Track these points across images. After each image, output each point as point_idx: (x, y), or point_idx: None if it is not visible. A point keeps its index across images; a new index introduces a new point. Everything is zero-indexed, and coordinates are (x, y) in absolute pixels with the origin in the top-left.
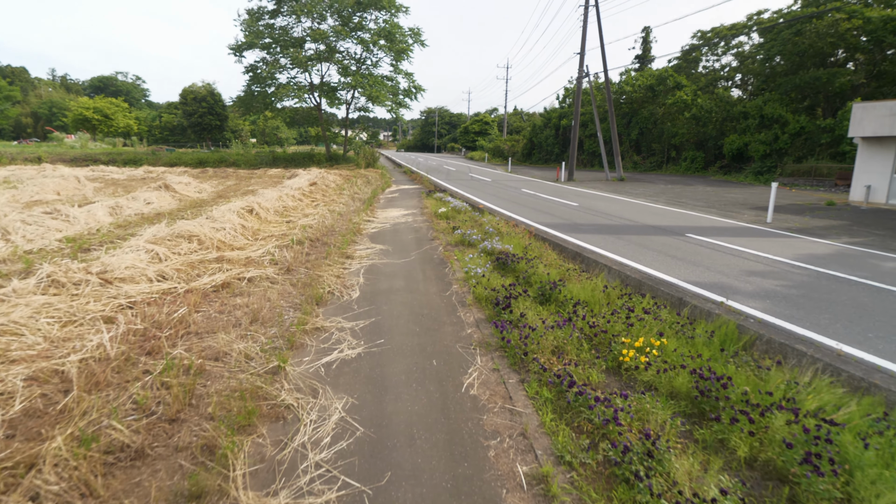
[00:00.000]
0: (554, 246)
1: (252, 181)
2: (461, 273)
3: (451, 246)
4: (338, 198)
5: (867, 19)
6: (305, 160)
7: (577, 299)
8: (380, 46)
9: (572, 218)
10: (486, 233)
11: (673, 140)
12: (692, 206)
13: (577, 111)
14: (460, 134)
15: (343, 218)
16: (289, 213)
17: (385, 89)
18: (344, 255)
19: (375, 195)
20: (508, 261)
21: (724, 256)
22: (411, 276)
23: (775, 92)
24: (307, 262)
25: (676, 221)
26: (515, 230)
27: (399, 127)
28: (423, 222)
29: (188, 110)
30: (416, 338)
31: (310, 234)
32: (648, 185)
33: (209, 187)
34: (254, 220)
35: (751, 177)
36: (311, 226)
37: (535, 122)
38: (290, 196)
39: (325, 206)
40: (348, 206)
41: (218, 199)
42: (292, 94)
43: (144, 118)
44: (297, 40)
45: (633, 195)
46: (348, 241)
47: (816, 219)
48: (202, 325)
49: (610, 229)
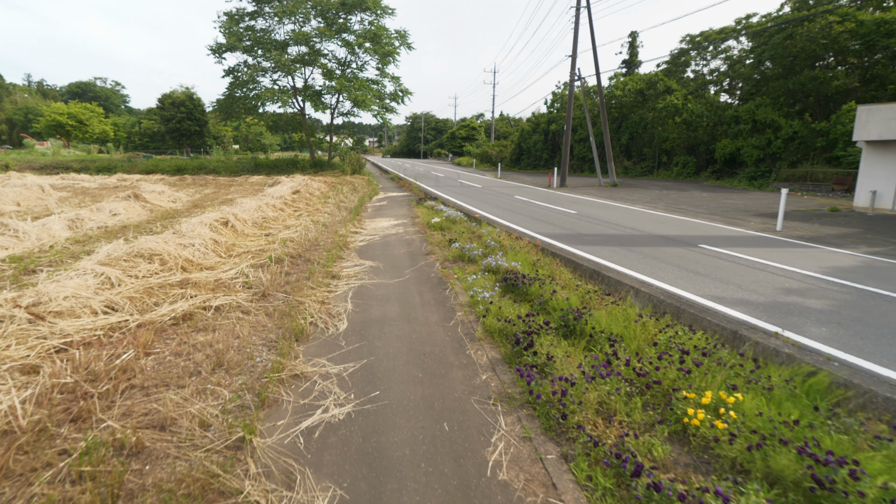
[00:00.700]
0: (565, 262)
1: (232, 189)
2: (465, 296)
3: (450, 262)
4: (322, 207)
5: (860, 22)
6: (289, 167)
7: (609, 332)
8: (365, 49)
9: (574, 228)
10: (488, 246)
11: (664, 145)
12: (694, 214)
13: (569, 115)
14: (447, 139)
15: (328, 230)
16: (269, 224)
17: (371, 93)
18: (329, 275)
19: (362, 204)
20: (518, 282)
21: (749, 271)
22: (407, 301)
23: (766, 96)
24: (286, 284)
25: (683, 231)
26: (519, 243)
27: (385, 132)
28: (415, 234)
29: (166, 116)
30: (420, 387)
31: (291, 249)
32: (643, 190)
33: (185, 196)
34: (229, 233)
35: (745, 182)
36: (293, 239)
37: (524, 128)
38: (270, 206)
39: (309, 217)
40: (334, 217)
41: (193, 208)
42: (276, 99)
43: (123, 124)
44: (279, 43)
45: (629, 201)
46: (334, 258)
47: (826, 226)
48: (151, 375)
49: (618, 240)
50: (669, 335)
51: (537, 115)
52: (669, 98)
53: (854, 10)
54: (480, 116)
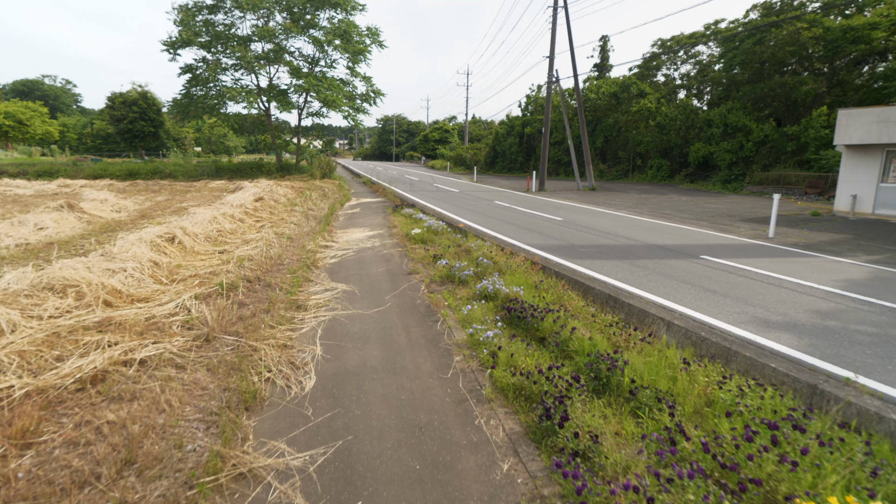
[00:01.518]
0: (573, 284)
1: (188, 196)
2: (461, 333)
3: (437, 284)
4: (288, 216)
5: (827, 28)
6: (253, 171)
7: (653, 386)
8: (335, 46)
9: (566, 237)
10: (479, 264)
11: (638, 148)
12: (681, 219)
13: (547, 117)
14: (420, 142)
15: (294, 244)
16: (225, 238)
17: (341, 93)
18: (293, 305)
19: (333, 211)
20: (526, 314)
21: (766, 288)
22: (391, 340)
23: (737, 101)
24: (239, 321)
25: (678, 239)
26: (514, 260)
27: (356, 135)
28: (393, 247)
29: (116, 115)
30: (420, 490)
31: (248, 270)
32: (622, 194)
33: (132, 205)
34: (175, 252)
35: (719, 185)
36: (252, 258)
37: (498, 131)
38: (228, 216)
39: (273, 228)
40: (301, 228)
41: (140, 219)
42: (239, 98)
43: (73, 125)
44: (241, 39)
45: (612, 206)
46: (300, 281)
47: (815, 232)
48: (21, 490)
49: (615, 252)
50: (734, 395)
51: (511, 117)
52: (643, 101)
53: (820, 17)
54: (453, 119)
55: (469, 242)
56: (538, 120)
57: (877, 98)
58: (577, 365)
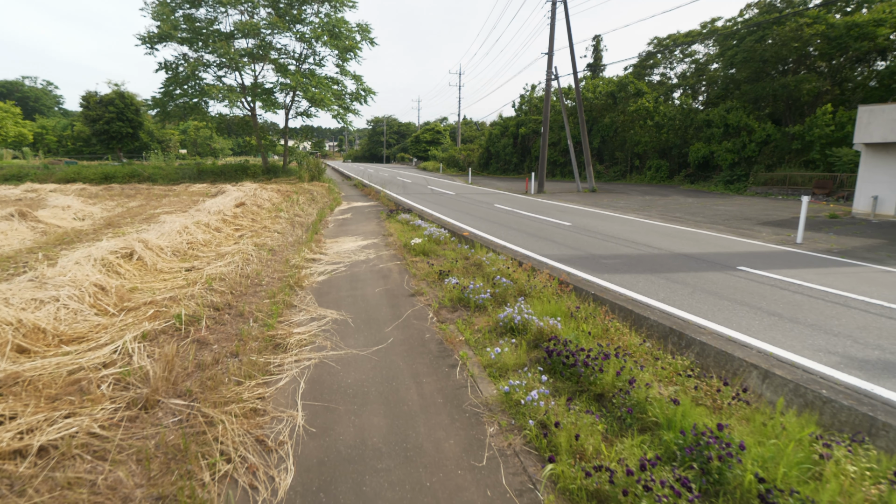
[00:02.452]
0: (616, 310)
1: (164, 201)
2: (490, 386)
3: (448, 310)
4: (272, 223)
5: (830, 25)
6: (238, 173)
7: (791, 489)
8: (323, 42)
9: (581, 245)
10: (497, 284)
11: (636, 149)
12: (695, 223)
13: (546, 117)
14: (411, 143)
15: (276, 257)
16: (196, 252)
17: (329, 91)
18: (270, 344)
19: (322, 218)
20: (576, 361)
21: (833, 309)
22: (398, 399)
23: (737, 100)
24: (196, 371)
25: (703, 247)
26: (538, 278)
27: (345, 136)
28: (391, 260)
29: (91, 116)
30: None
31: (218, 294)
32: (624, 196)
33: (99, 211)
34: (131, 271)
35: (721, 186)
36: (225, 276)
37: (492, 131)
38: (202, 225)
39: (253, 238)
40: (285, 237)
41: (105, 228)
42: (221, 97)
43: (53, 127)
44: (224, 35)
45: (618, 209)
46: (280, 308)
47: (842, 236)
48: None
49: (642, 264)
50: None
51: (505, 118)
52: (641, 101)
53: (823, 13)
54: (444, 120)
55: (478, 254)
56: (533, 120)
57: (880, 96)
58: (664, 445)
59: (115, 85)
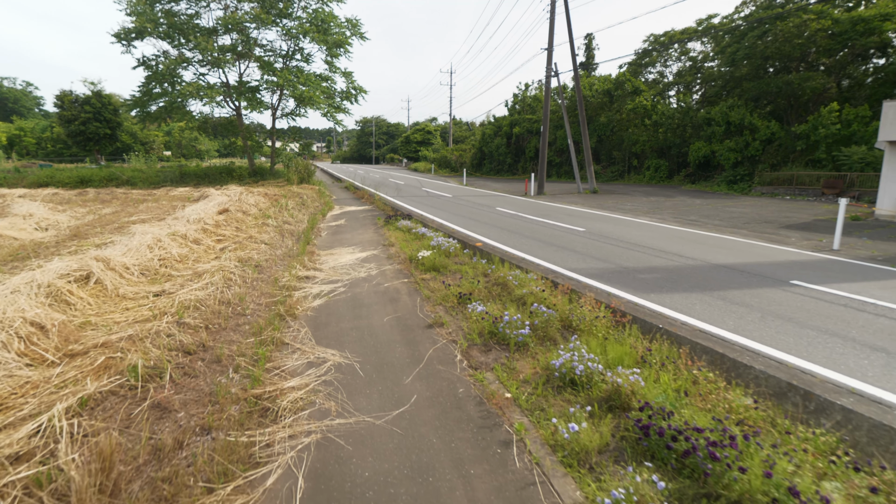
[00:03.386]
0: (700, 352)
1: (142, 207)
2: (572, 488)
3: (479, 349)
4: (259, 233)
5: (835, 20)
6: (223, 176)
7: None
8: (312, 37)
9: (607, 255)
10: (536, 314)
11: (633, 148)
12: (715, 227)
13: (546, 115)
14: (401, 144)
15: (264, 275)
16: (170, 270)
17: (318, 88)
18: (253, 409)
19: (314, 225)
20: (694, 447)
21: None
22: None
23: (738, 98)
24: (147, 463)
25: (738, 256)
26: (583, 306)
27: (334, 137)
28: (396, 277)
29: (66, 116)
30: None
31: (189, 331)
32: (627, 197)
33: (67, 219)
34: (85, 298)
35: (724, 186)
36: (201, 303)
37: (485, 131)
38: (179, 236)
39: (237, 251)
40: (274, 248)
41: (70, 239)
42: (201, 95)
43: (31, 129)
44: (206, 30)
45: (627, 212)
46: (268, 349)
47: (879, 241)
48: None
49: (684, 279)
50: None
51: (498, 118)
52: (639, 99)
53: (828, 8)
54: (434, 120)
55: (500, 271)
56: (527, 119)
57: (885, 93)
58: None
59: (92, 84)
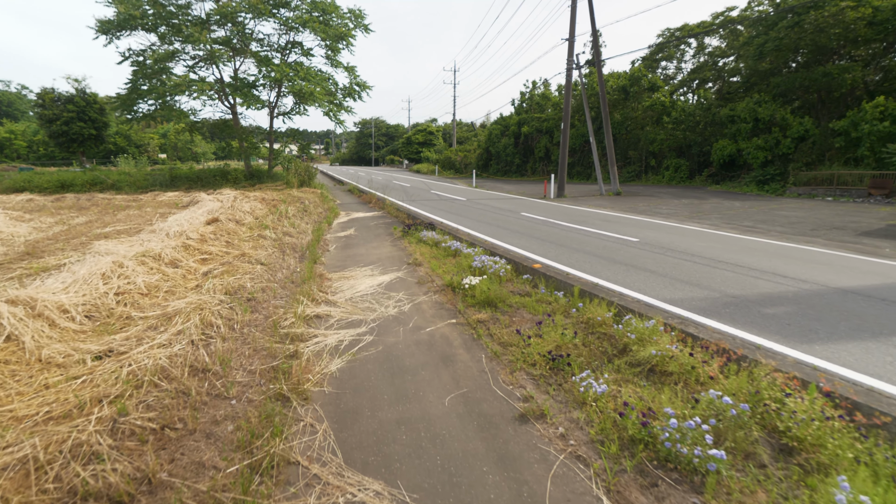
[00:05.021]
0: None
1: (121, 215)
2: None
3: (633, 481)
4: (254, 249)
5: (875, 8)
6: (217, 179)
7: None
8: (311, 27)
9: (695, 278)
10: (716, 408)
11: (651, 147)
12: (782, 235)
13: (567, 111)
14: (402, 145)
15: (259, 314)
16: (131, 308)
17: (318, 84)
18: None
19: (320, 236)
20: None
21: None
22: None
23: (763, 93)
24: None
25: (853, 276)
26: (761, 376)
27: (332, 139)
28: (437, 315)
29: (47, 116)
30: None
31: (132, 446)
32: (656, 199)
33: (27, 231)
34: None
35: (753, 186)
36: (161, 376)
37: (492, 131)
38: (150, 258)
39: (225, 276)
40: (272, 271)
41: (21, 259)
42: (192, 90)
43: (23, 132)
44: (197, 21)
45: (669, 216)
46: (264, 483)
47: None
48: None
49: (824, 315)
50: None
51: (506, 116)
52: (656, 95)
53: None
54: (434, 121)
55: (591, 311)
56: (536, 118)
57: None
58: None
59: (76, 81)
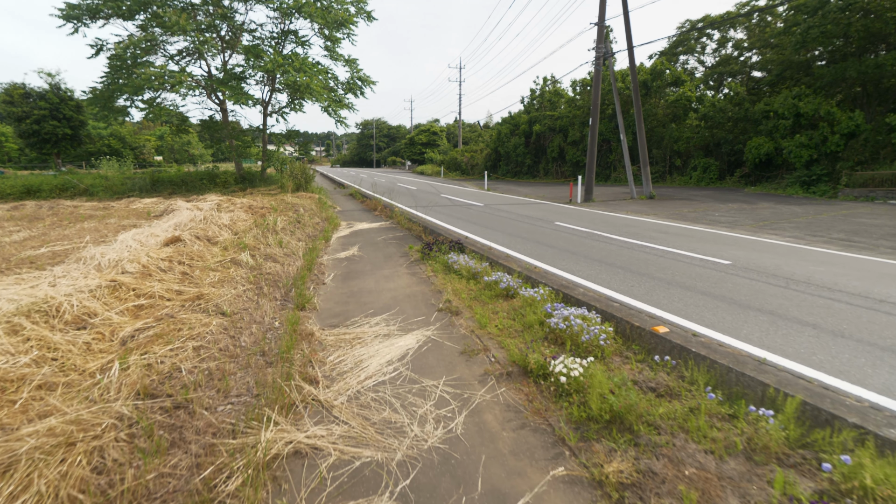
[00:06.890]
0: None
1: (75, 228)
2: None
3: None
4: (218, 288)
5: None
6: (204, 183)
7: None
8: (307, 13)
9: (868, 332)
10: None
11: (676, 146)
12: (871, 249)
13: (595, 104)
14: (405, 146)
15: (178, 455)
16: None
17: (316, 76)
18: None
19: (313, 261)
20: None
21: None
22: None
23: (805, 86)
24: None
25: None
26: None
27: (332, 141)
28: (521, 449)
29: (16, 114)
30: None
31: None
32: (698, 203)
33: None
34: None
35: (797, 188)
36: None
37: (501, 130)
38: (38, 316)
39: (154, 348)
40: (234, 332)
41: None
42: (172, 82)
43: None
44: (179, 8)
45: (733, 226)
46: None
47: None
48: None
49: None
50: None
51: (515, 115)
52: (681, 90)
53: None
54: (437, 122)
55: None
56: (548, 116)
57: None
58: None
59: (49, 75)
